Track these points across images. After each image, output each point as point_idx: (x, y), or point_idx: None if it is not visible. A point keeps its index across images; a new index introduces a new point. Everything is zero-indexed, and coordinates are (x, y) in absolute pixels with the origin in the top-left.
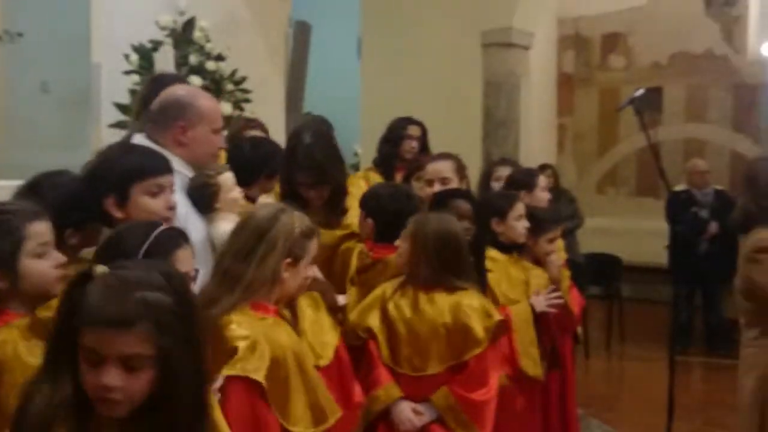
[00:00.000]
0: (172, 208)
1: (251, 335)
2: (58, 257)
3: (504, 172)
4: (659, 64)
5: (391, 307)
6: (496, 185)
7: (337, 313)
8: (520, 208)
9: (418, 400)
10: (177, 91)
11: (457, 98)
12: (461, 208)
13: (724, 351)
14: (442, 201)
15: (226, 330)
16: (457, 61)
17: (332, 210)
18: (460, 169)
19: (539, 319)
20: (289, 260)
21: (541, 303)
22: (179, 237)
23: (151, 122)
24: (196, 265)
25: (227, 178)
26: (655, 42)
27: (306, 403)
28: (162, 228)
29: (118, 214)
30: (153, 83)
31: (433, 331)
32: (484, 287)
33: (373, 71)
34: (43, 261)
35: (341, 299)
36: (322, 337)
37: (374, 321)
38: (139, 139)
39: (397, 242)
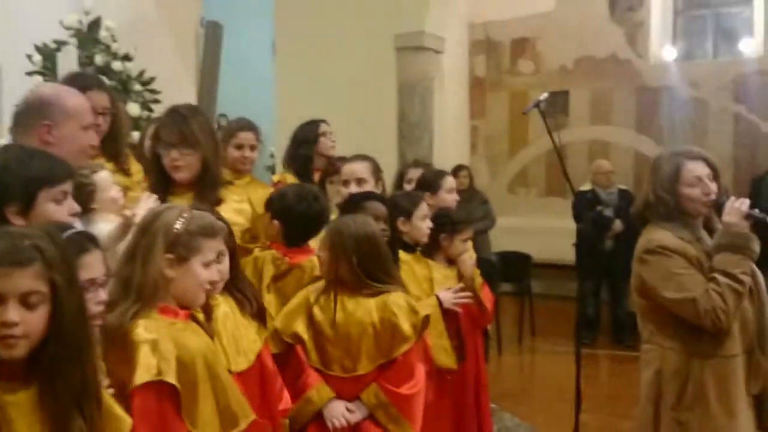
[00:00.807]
0: (74, 214)
1: (155, 339)
2: None
3: (415, 174)
4: (566, 69)
5: (316, 311)
6: (408, 187)
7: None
8: (424, 208)
9: (349, 401)
10: (41, 90)
11: (371, 101)
12: (376, 210)
13: (630, 343)
14: (356, 203)
15: (132, 335)
16: (372, 64)
17: (202, 195)
18: (376, 171)
19: (446, 314)
20: (170, 257)
21: (448, 299)
22: (87, 241)
23: (15, 124)
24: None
25: (104, 177)
26: (561, 47)
27: (214, 407)
28: (70, 231)
29: (18, 221)
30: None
31: (362, 331)
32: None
33: (287, 73)
34: None
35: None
36: (242, 341)
37: (300, 326)
38: (1, 142)
39: (312, 244)
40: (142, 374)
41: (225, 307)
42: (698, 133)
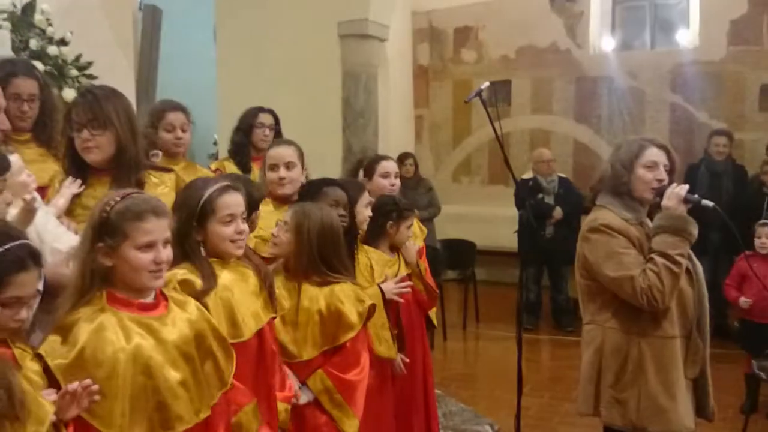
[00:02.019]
0: (8, 204)
1: (69, 327)
2: None
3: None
4: (507, 58)
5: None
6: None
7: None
8: (366, 196)
9: None
10: None
11: (316, 88)
12: (337, 195)
13: (570, 328)
14: (316, 188)
15: (66, 317)
16: (315, 51)
17: (118, 179)
18: (302, 156)
19: (387, 303)
20: (101, 245)
21: (390, 289)
22: (28, 258)
23: None
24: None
25: (13, 161)
26: (504, 36)
27: (130, 407)
28: (14, 244)
29: None
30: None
31: (309, 318)
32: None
33: (229, 60)
34: None
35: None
36: (239, 313)
37: None
38: None
39: (274, 231)
40: (43, 347)
41: (230, 276)
42: (635, 122)
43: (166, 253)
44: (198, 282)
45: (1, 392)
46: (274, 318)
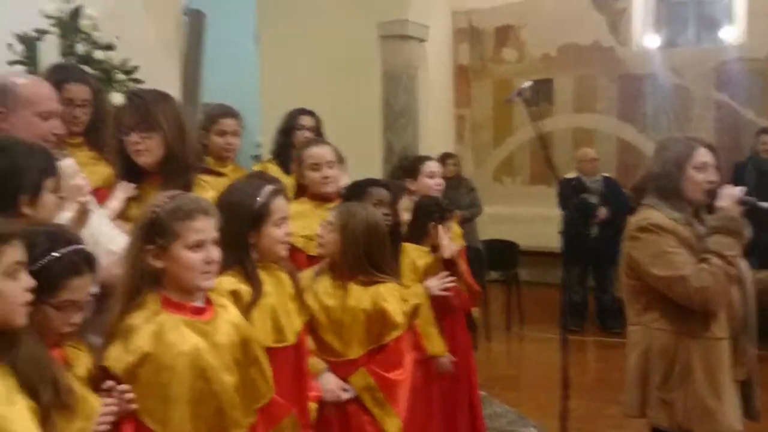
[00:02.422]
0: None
1: (130, 331)
2: None
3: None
4: (549, 56)
5: (308, 297)
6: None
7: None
8: (406, 200)
9: None
10: (1, 76)
11: (356, 89)
12: (381, 195)
13: (616, 330)
14: (361, 189)
15: (119, 325)
16: (356, 52)
17: (168, 181)
18: (339, 156)
19: (434, 302)
20: (151, 248)
21: (435, 285)
22: (82, 263)
23: None
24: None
25: (68, 164)
26: (545, 34)
27: (191, 413)
28: (69, 249)
29: (29, 212)
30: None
31: (354, 317)
32: (398, 271)
33: (271, 62)
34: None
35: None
36: (283, 318)
37: None
38: None
39: (319, 231)
40: (106, 359)
41: (268, 280)
42: (680, 120)
43: (216, 252)
44: (245, 290)
45: (48, 386)
46: (307, 321)
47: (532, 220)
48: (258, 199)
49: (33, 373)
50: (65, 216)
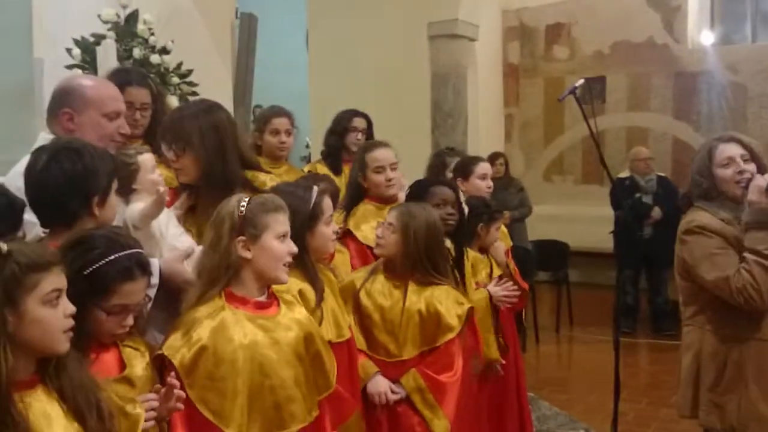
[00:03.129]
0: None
1: (192, 323)
2: None
3: (455, 162)
4: (602, 54)
5: (363, 296)
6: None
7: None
8: (460, 197)
9: None
10: (67, 79)
11: (405, 89)
12: (445, 194)
13: (669, 332)
14: (424, 188)
15: (188, 314)
16: (405, 52)
17: (206, 197)
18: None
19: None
20: (242, 239)
21: (498, 295)
22: (135, 268)
23: (47, 114)
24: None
25: (147, 159)
26: (597, 32)
27: (249, 406)
28: (122, 254)
29: (99, 212)
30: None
31: (408, 318)
32: (462, 272)
33: (321, 63)
34: None
35: None
36: (339, 314)
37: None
38: (42, 135)
39: (378, 232)
40: (166, 347)
41: (324, 279)
42: (737, 119)
43: (294, 246)
44: (309, 290)
45: (93, 411)
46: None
47: (583, 220)
48: (311, 200)
49: (79, 399)
50: (138, 207)
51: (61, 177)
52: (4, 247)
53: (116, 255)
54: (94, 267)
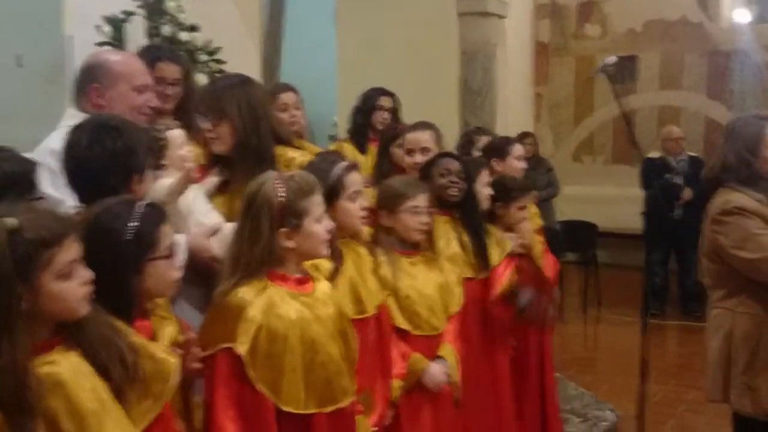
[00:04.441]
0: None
1: (243, 306)
2: None
3: (484, 141)
4: (634, 32)
5: (385, 275)
6: (477, 155)
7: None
8: (485, 175)
9: (429, 357)
10: (93, 55)
11: (433, 67)
12: (449, 164)
13: (698, 314)
14: (429, 162)
15: (229, 300)
16: (433, 30)
17: (240, 171)
18: (439, 139)
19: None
20: (285, 230)
21: (515, 243)
22: (159, 212)
23: (74, 91)
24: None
25: (177, 134)
26: (629, 9)
27: (302, 381)
28: (143, 205)
29: (138, 189)
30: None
31: (436, 289)
32: (481, 242)
33: (349, 41)
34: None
35: None
36: (362, 289)
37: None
38: (69, 112)
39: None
40: (222, 340)
41: (349, 254)
42: None
43: (330, 221)
44: (324, 263)
45: (116, 364)
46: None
47: (612, 200)
48: (332, 173)
49: (101, 353)
50: (166, 182)
51: (103, 156)
52: (14, 222)
53: (140, 208)
54: (131, 229)
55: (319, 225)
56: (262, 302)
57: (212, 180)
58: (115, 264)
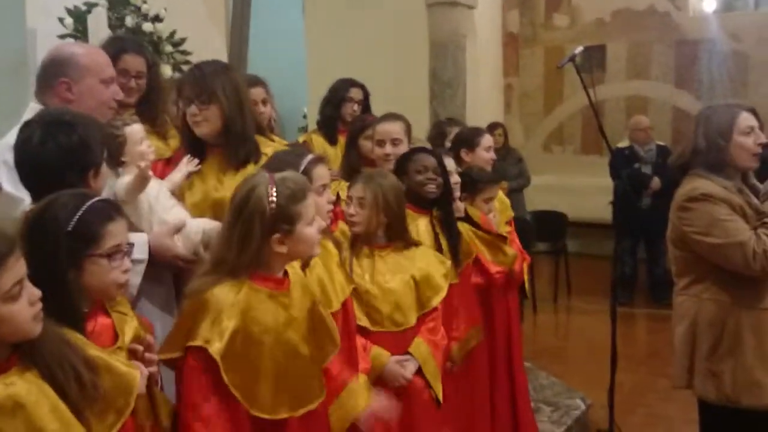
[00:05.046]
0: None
1: (219, 308)
2: None
3: (456, 132)
4: (602, 22)
5: (355, 273)
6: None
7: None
8: (449, 163)
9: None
10: (56, 49)
11: (403, 59)
12: (425, 161)
13: (667, 302)
14: (404, 157)
15: (204, 298)
16: (403, 21)
17: (228, 154)
18: (409, 131)
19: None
20: (277, 236)
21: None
22: (111, 209)
23: (38, 86)
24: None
25: (135, 130)
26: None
27: (276, 387)
28: (95, 199)
29: (94, 184)
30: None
31: (406, 284)
32: (455, 239)
33: (318, 32)
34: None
35: None
36: (329, 285)
37: None
38: (31, 106)
39: (350, 210)
40: (198, 337)
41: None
42: (738, 87)
43: (322, 220)
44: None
45: (72, 383)
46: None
47: (582, 190)
48: (300, 167)
49: (57, 373)
50: (124, 180)
51: (57, 151)
52: None
53: (90, 201)
54: (75, 219)
55: (311, 228)
56: (239, 305)
57: (181, 172)
58: (53, 255)
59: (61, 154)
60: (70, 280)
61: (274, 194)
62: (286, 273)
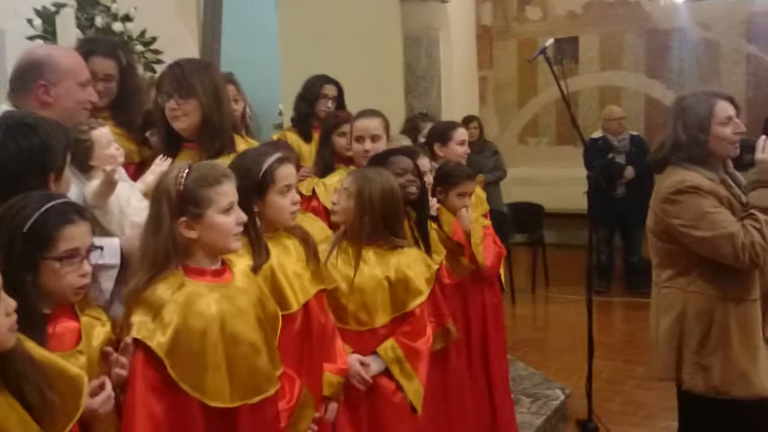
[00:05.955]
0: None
1: (161, 303)
2: None
3: (428, 127)
4: (574, 14)
5: (329, 267)
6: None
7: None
8: (426, 163)
9: (364, 354)
10: (33, 51)
11: (377, 53)
12: (403, 163)
13: (644, 290)
14: (381, 159)
15: (146, 296)
16: (376, 15)
17: (204, 147)
18: (387, 127)
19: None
20: (184, 219)
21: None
22: (72, 212)
23: (12, 89)
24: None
25: (103, 133)
26: None
27: (228, 376)
28: (57, 201)
29: (55, 187)
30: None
31: (378, 284)
32: (428, 240)
33: (291, 27)
34: None
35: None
36: (287, 287)
37: None
38: (3, 108)
39: (334, 198)
40: (137, 330)
41: (272, 248)
42: (710, 75)
43: (242, 213)
44: (247, 257)
45: (36, 397)
46: (324, 290)
47: (558, 181)
48: (262, 166)
49: (24, 387)
50: (93, 184)
51: (17, 154)
52: None
53: (50, 203)
54: (31, 221)
55: (224, 217)
56: (180, 300)
57: (154, 173)
58: (8, 256)
59: (21, 156)
60: (27, 282)
61: (183, 176)
62: (225, 267)
